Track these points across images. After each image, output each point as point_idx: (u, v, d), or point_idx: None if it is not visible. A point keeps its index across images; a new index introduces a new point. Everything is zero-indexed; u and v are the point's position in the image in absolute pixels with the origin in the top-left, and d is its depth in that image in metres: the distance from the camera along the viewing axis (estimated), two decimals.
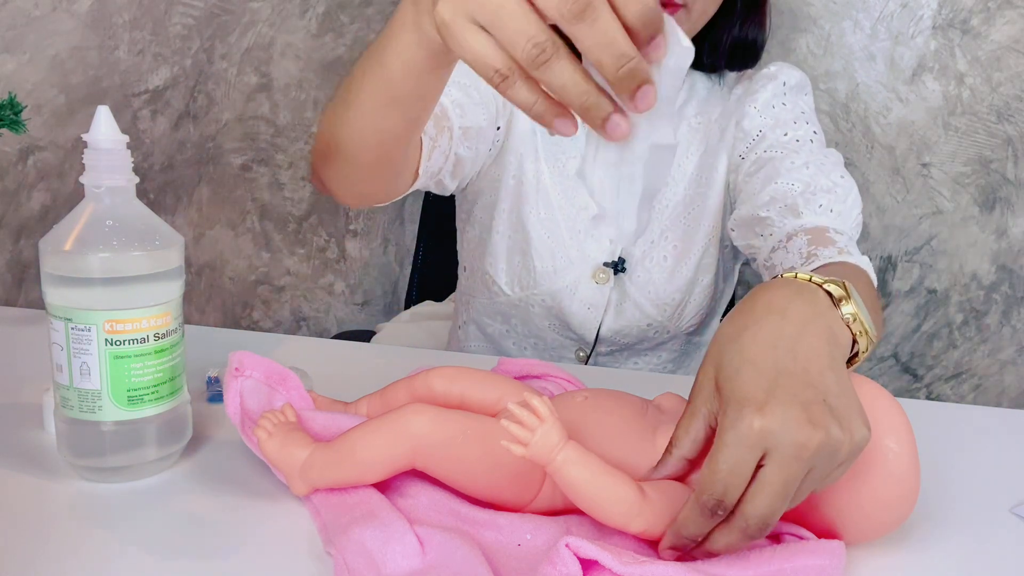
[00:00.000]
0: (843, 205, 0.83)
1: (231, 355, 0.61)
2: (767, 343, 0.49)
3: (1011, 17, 1.38)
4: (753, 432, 0.45)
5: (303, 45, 1.58)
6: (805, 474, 0.45)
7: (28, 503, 0.55)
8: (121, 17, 1.58)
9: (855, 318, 0.52)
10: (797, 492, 0.46)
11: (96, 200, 0.56)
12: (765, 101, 0.93)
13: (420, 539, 0.48)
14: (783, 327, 0.50)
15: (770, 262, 0.84)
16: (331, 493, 0.54)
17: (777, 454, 0.45)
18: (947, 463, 0.66)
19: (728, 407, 0.47)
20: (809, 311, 0.51)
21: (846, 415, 0.47)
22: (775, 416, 0.45)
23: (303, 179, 1.65)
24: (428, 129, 0.80)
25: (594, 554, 0.45)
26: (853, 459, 0.48)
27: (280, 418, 0.57)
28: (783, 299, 0.51)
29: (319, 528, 0.52)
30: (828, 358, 0.49)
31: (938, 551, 0.55)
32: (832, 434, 0.45)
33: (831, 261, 0.76)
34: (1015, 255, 1.48)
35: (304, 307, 1.73)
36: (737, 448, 0.45)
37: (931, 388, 1.56)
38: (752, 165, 0.90)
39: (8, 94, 0.78)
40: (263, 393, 0.62)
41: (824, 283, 0.53)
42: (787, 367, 0.47)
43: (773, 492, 0.45)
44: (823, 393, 0.47)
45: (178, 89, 1.62)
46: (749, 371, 0.47)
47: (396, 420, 0.52)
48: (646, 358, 1.03)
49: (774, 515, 0.45)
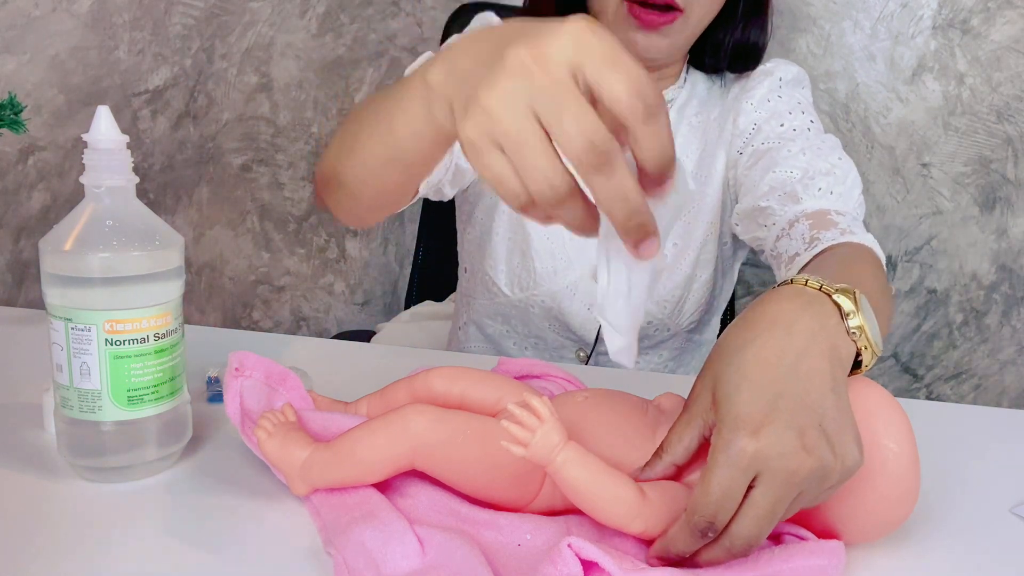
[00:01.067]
0: (843, 186, 0.83)
1: (231, 355, 0.61)
2: (768, 361, 0.48)
3: (1011, 17, 1.38)
4: (746, 456, 0.44)
5: (303, 45, 1.58)
6: (794, 498, 0.46)
7: (28, 503, 0.54)
8: (121, 17, 1.58)
9: (861, 332, 0.51)
10: (788, 512, 0.47)
11: (96, 200, 0.56)
12: (761, 96, 0.93)
13: (420, 539, 0.48)
14: (787, 345, 0.49)
15: (776, 251, 0.84)
16: (331, 493, 0.54)
17: (768, 478, 0.45)
18: (947, 463, 0.66)
19: (723, 426, 0.46)
20: (816, 327, 0.50)
21: (840, 440, 0.47)
22: (769, 441, 0.45)
23: (303, 179, 1.65)
24: None
25: (595, 556, 0.45)
26: (843, 483, 0.48)
27: (280, 418, 0.57)
28: (790, 313, 0.50)
29: (319, 528, 0.51)
30: (830, 379, 0.48)
31: (938, 551, 0.55)
32: (824, 460, 0.45)
33: (834, 243, 0.75)
34: (1015, 255, 1.48)
35: (304, 307, 1.73)
36: (730, 470, 0.45)
37: (931, 388, 1.56)
38: (750, 158, 0.90)
39: (8, 94, 0.78)
40: (263, 393, 0.62)
41: (835, 293, 0.52)
42: (786, 389, 0.47)
43: (760, 515, 0.45)
44: (820, 417, 0.47)
45: (178, 89, 1.62)
46: (747, 390, 0.47)
47: (396, 420, 0.52)
48: (646, 357, 1.03)
49: (759, 537, 0.46)
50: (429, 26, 1.54)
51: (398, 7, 1.54)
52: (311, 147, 1.63)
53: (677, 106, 0.96)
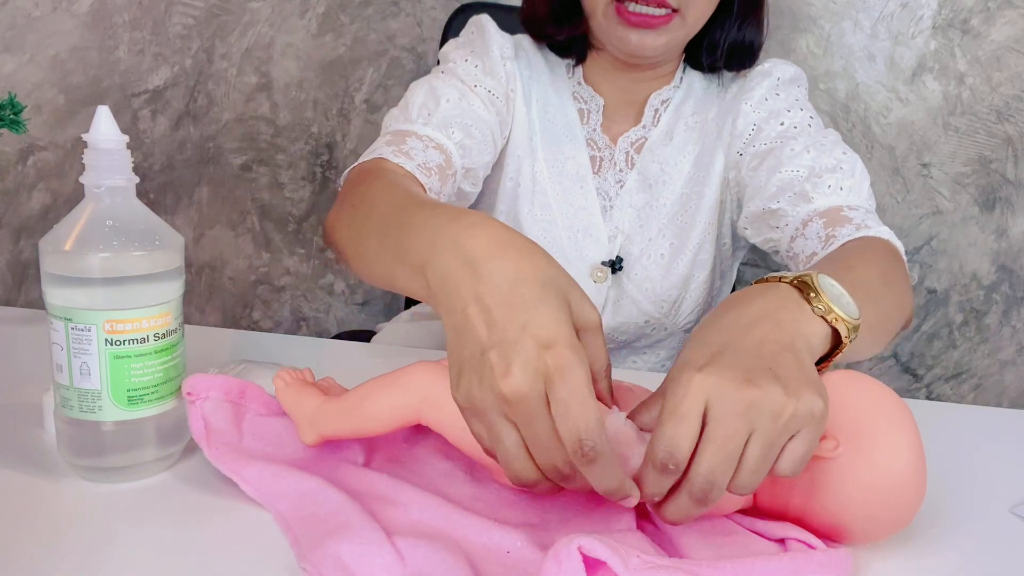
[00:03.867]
0: (852, 180, 0.83)
1: (184, 382, 0.60)
2: (721, 325, 0.51)
3: (1011, 17, 1.38)
4: (693, 384, 0.46)
5: (303, 45, 1.58)
6: (748, 434, 0.46)
7: (28, 503, 0.54)
8: (121, 17, 1.58)
9: (828, 308, 0.53)
10: (747, 457, 0.46)
11: (96, 200, 0.56)
12: (759, 97, 0.93)
13: (399, 550, 0.48)
14: (740, 315, 0.52)
15: (792, 252, 0.84)
16: (302, 503, 0.53)
17: (715, 410, 0.46)
18: (947, 463, 0.66)
19: (672, 371, 0.49)
20: (772, 306, 0.52)
21: (794, 384, 0.47)
22: (713, 371, 0.47)
23: (303, 179, 1.65)
24: (432, 184, 0.81)
25: (604, 555, 0.44)
26: (811, 428, 0.47)
27: (298, 374, 0.61)
28: (748, 297, 0.53)
29: (291, 542, 0.50)
30: (787, 344, 0.50)
31: (938, 551, 0.55)
32: (770, 393, 0.46)
33: (850, 239, 0.76)
34: (1015, 255, 1.48)
35: (304, 307, 1.73)
36: (679, 401, 0.46)
37: (931, 388, 1.56)
38: (752, 159, 0.90)
39: (8, 94, 0.78)
40: (228, 411, 0.61)
41: (792, 280, 0.54)
42: (735, 342, 0.49)
43: (715, 448, 0.46)
44: (771, 364, 0.48)
45: (178, 89, 1.62)
46: (696, 343, 0.50)
47: (404, 374, 0.55)
48: (644, 356, 1.03)
49: (717, 473, 0.46)
50: (429, 26, 1.54)
51: (398, 7, 1.54)
52: (311, 147, 1.63)
53: (674, 105, 0.96)
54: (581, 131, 0.96)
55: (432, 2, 1.53)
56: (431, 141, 0.83)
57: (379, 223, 0.62)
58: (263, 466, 0.56)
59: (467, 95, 0.88)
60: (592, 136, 0.96)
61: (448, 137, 0.84)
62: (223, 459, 0.57)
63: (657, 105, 0.96)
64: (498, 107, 0.91)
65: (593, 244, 0.95)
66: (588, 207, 0.95)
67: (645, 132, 0.96)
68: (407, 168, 0.78)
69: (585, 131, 0.96)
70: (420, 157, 0.80)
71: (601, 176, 0.96)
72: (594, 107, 0.96)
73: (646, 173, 0.95)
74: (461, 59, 0.92)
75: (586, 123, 0.96)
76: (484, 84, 0.91)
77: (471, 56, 0.92)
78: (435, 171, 0.81)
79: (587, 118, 0.96)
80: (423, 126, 0.84)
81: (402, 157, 0.79)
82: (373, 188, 0.70)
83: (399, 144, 0.81)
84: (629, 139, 0.96)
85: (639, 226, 0.95)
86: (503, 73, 0.92)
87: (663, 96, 0.96)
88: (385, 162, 0.78)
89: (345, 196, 0.74)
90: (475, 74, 0.91)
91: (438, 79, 0.89)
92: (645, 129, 0.96)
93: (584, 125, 0.96)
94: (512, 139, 0.95)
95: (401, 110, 0.87)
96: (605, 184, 0.96)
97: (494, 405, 0.47)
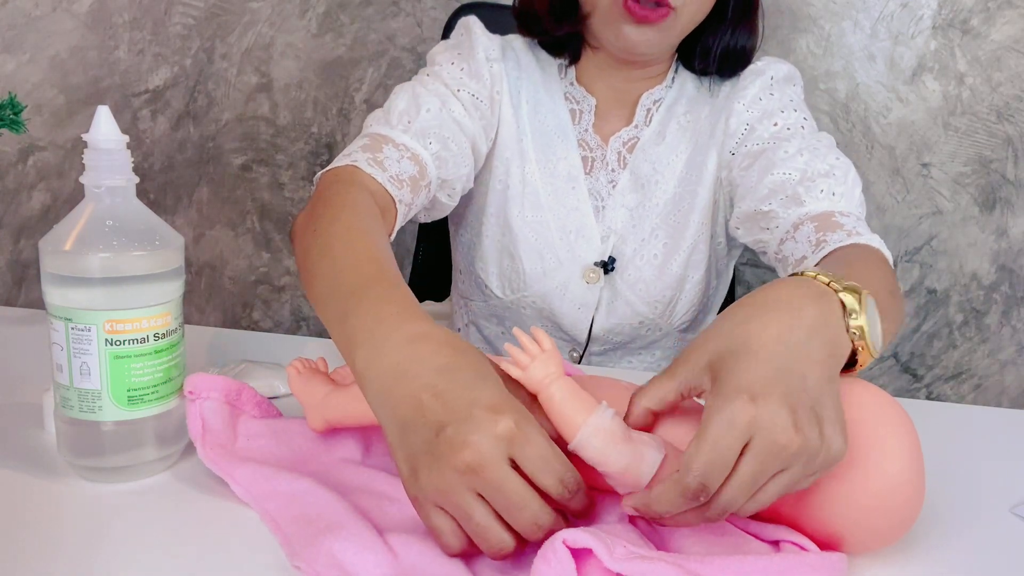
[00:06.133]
0: (844, 186, 0.83)
1: (186, 380, 0.61)
2: (774, 338, 0.49)
3: (1011, 17, 1.38)
4: (743, 420, 0.45)
5: (303, 45, 1.58)
6: (775, 473, 0.46)
7: (28, 503, 0.55)
8: (121, 17, 1.58)
9: (861, 332, 0.52)
10: (764, 490, 0.47)
11: (96, 200, 0.56)
12: (753, 96, 0.92)
13: (392, 547, 0.48)
14: (793, 325, 0.50)
15: (781, 254, 0.84)
16: (291, 504, 0.53)
17: (757, 446, 0.46)
18: (947, 463, 0.66)
19: (722, 390, 0.47)
20: (820, 318, 0.51)
21: (829, 427, 0.47)
22: (766, 410, 0.46)
23: (303, 179, 1.65)
24: (403, 196, 0.80)
25: (588, 543, 0.45)
26: (825, 471, 0.48)
27: (311, 364, 0.63)
28: (799, 299, 0.52)
29: (281, 542, 0.51)
30: (828, 370, 0.50)
31: (938, 551, 0.55)
32: (811, 442, 0.46)
33: (841, 245, 0.76)
34: (1015, 255, 1.48)
35: (304, 307, 1.73)
36: (724, 430, 0.46)
37: (931, 388, 1.56)
38: (745, 159, 0.90)
39: (8, 94, 0.78)
40: (226, 413, 0.61)
41: (841, 290, 0.53)
42: (787, 366, 0.48)
43: (741, 482, 0.46)
44: (814, 401, 0.47)
45: (178, 89, 1.62)
46: (751, 361, 0.48)
47: None
48: (640, 357, 1.03)
49: (734, 504, 0.46)
50: (429, 26, 1.54)
51: (398, 7, 1.54)
52: (311, 147, 1.63)
53: (666, 105, 0.96)
54: (572, 131, 0.96)
55: (432, 2, 1.53)
56: (407, 151, 0.83)
57: (328, 284, 0.62)
58: (255, 467, 0.57)
59: (449, 102, 0.88)
60: (583, 136, 0.96)
61: (425, 148, 0.84)
62: (216, 460, 0.57)
63: (649, 105, 0.96)
64: (482, 111, 0.91)
65: (585, 245, 0.95)
66: (580, 208, 0.95)
67: (637, 132, 0.96)
68: (379, 180, 0.78)
69: (576, 131, 0.96)
70: (394, 168, 0.80)
71: (593, 176, 0.96)
72: (586, 107, 0.96)
73: (638, 173, 0.95)
74: (447, 62, 0.92)
75: (577, 123, 0.96)
76: (468, 88, 0.90)
77: (457, 59, 0.92)
78: (407, 183, 0.81)
79: (579, 118, 0.96)
80: (402, 133, 0.84)
81: (376, 168, 0.79)
82: (337, 222, 0.69)
83: (375, 152, 0.81)
84: (621, 139, 0.96)
85: (632, 226, 0.95)
86: (488, 75, 0.92)
87: (655, 96, 0.96)
88: (358, 172, 0.78)
89: (312, 208, 0.73)
90: (459, 77, 0.91)
91: (422, 84, 0.89)
92: (637, 129, 0.96)
93: (575, 125, 0.96)
94: (499, 141, 0.95)
95: (384, 113, 0.87)
96: (597, 184, 0.95)
97: (458, 482, 0.47)
